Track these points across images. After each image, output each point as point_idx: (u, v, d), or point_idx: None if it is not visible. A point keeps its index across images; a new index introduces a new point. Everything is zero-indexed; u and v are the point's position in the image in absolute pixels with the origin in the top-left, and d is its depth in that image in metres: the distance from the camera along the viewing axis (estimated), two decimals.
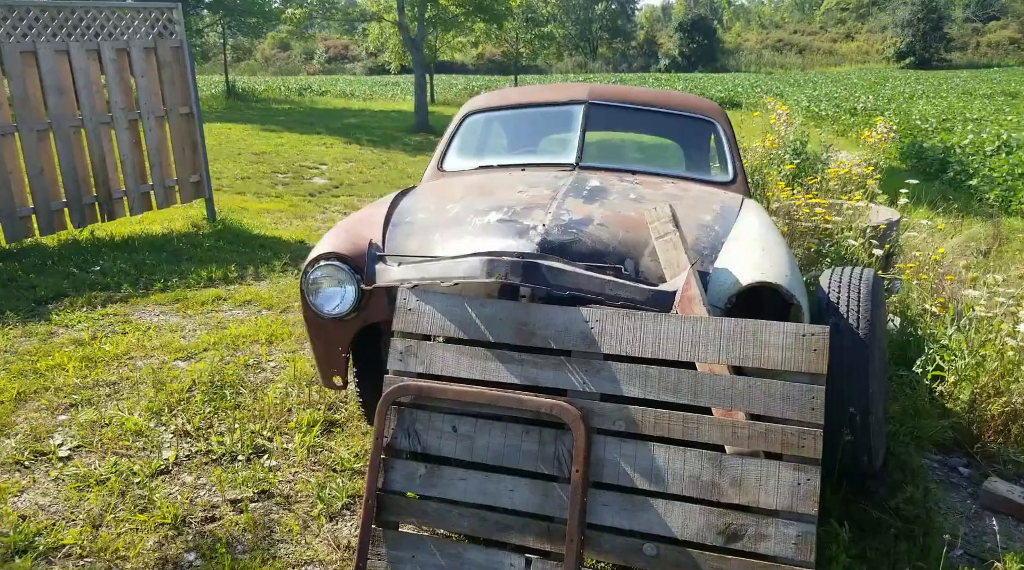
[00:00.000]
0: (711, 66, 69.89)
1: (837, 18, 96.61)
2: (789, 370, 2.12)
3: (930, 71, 55.41)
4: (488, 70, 65.24)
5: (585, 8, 78.69)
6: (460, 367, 2.43)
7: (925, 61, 63.07)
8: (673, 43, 73.29)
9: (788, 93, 32.90)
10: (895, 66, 63.84)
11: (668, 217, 2.62)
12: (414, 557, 2.39)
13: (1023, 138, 13.82)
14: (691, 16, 72.09)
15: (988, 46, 66.75)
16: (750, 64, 70.45)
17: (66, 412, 3.62)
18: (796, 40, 78.46)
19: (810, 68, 66.76)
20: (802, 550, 2.05)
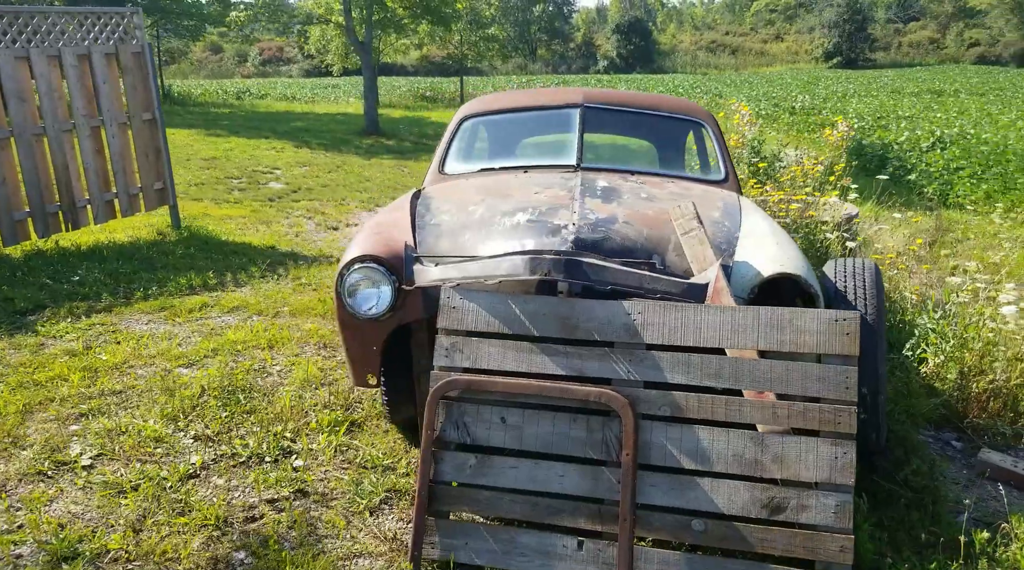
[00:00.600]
0: (648, 67, 71.10)
1: (766, 19, 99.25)
2: (824, 353, 2.29)
3: (857, 70, 57.49)
4: (428, 72, 65.08)
5: (523, 10, 79.13)
6: (506, 361, 2.54)
7: (852, 61, 65.38)
8: (611, 45, 74.30)
9: (726, 93, 33.75)
10: (823, 66, 65.99)
11: (692, 214, 2.78)
12: (467, 543, 2.49)
13: (955, 135, 14.56)
14: (627, 18, 73.24)
15: (909, 46, 69.57)
16: (685, 65, 71.90)
17: (77, 422, 3.59)
18: (728, 41, 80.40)
19: (743, 68, 68.50)
20: (841, 518, 2.23)
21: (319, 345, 4.64)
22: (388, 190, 12.12)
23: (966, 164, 12.20)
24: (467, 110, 4.45)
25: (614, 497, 2.40)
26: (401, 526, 2.80)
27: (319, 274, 6.46)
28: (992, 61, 61.62)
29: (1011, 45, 62.54)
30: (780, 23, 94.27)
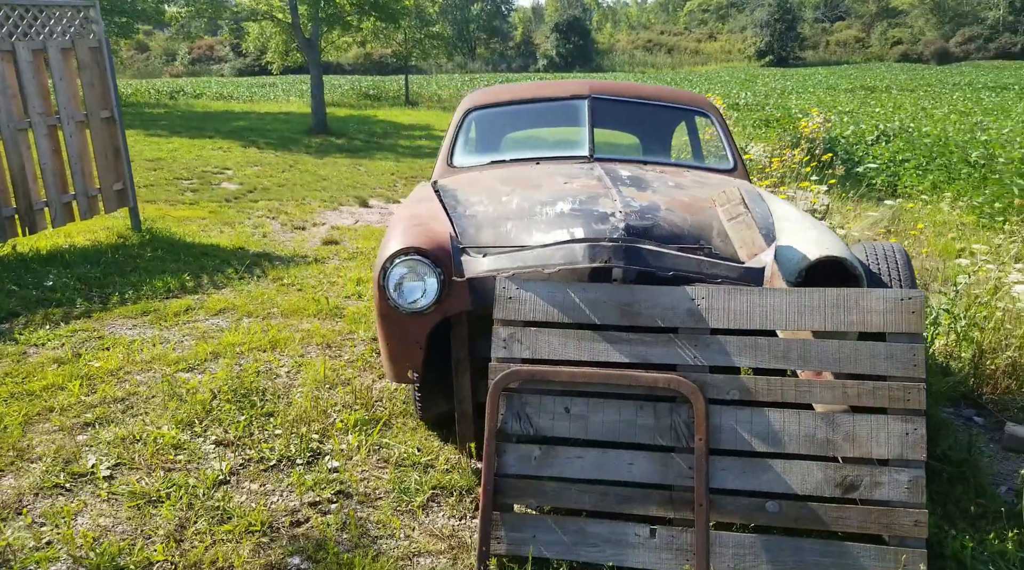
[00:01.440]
0: (587, 66, 71.75)
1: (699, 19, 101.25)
2: (891, 331, 2.33)
3: (789, 68, 59.14)
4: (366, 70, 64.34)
5: (461, 8, 79.00)
6: (567, 350, 2.51)
7: (783, 59, 67.23)
8: (550, 44, 74.77)
9: None
10: (756, 64, 67.70)
11: (739, 200, 2.80)
12: (535, 536, 2.45)
13: (897, 128, 15.09)
14: (566, 17, 73.77)
15: (837, 44, 71.89)
16: (624, 64, 72.81)
17: (84, 432, 3.42)
18: (664, 40, 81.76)
19: (680, 67, 69.73)
20: (914, 493, 2.27)
21: (323, 345, 4.52)
22: (348, 189, 11.93)
23: (911, 156, 12.64)
24: (471, 103, 4.40)
25: (685, 483, 2.39)
26: (455, 522, 2.75)
27: (299, 274, 6.30)
28: (914, 59, 64.13)
29: (931, 44, 65.19)
30: (713, 23, 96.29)
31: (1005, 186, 9.34)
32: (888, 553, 2.27)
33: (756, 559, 2.32)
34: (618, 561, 2.39)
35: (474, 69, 73.10)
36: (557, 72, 66.58)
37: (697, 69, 65.92)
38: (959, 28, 65.87)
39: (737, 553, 2.33)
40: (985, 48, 63.20)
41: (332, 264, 6.78)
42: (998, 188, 9.43)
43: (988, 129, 14.74)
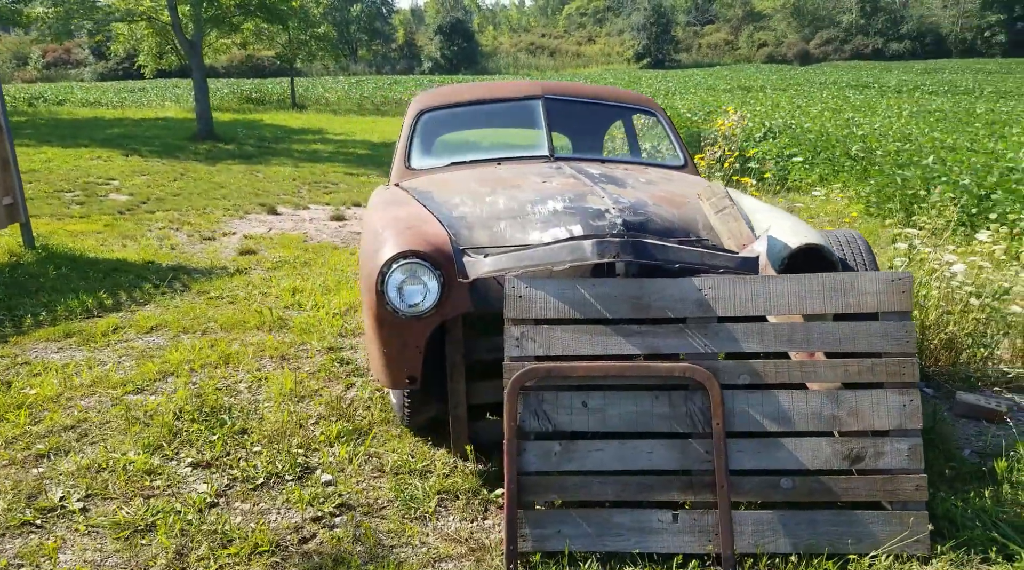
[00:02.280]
0: (472, 68, 72.06)
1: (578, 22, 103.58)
2: (883, 311, 2.49)
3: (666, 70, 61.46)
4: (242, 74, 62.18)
5: (340, 9, 77.59)
6: (580, 345, 2.54)
7: (659, 61, 69.80)
8: (434, 46, 74.60)
9: None
10: (635, 66, 69.97)
11: (723, 194, 2.92)
12: (559, 531, 2.48)
13: (781, 125, 15.98)
14: (449, 19, 73.81)
15: (708, 47, 75.34)
16: (508, 66, 73.59)
17: (39, 464, 3.17)
18: (546, 43, 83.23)
19: (563, 69, 71.15)
20: (914, 460, 2.44)
21: (278, 358, 4.37)
22: (250, 197, 11.53)
23: (798, 151, 13.42)
24: (423, 104, 4.36)
25: (703, 467, 2.47)
26: (468, 525, 2.73)
27: (225, 286, 6.05)
28: (779, 60, 68.05)
29: (793, 46, 69.36)
30: (591, 26, 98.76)
31: (888, 177, 10.06)
32: (894, 517, 2.43)
33: (774, 534, 2.43)
34: (643, 548, 2.45)
35: (357, 71, 71.99)
36: (442, 75, 66.51)
37: (580, 71, 67.47)
38: (817, 31, 70.38)
39: (757, 530, 2.43)
40: (841, 50, 67.83)
41: (257, 274, 6.54)
42: (881, 178, 10.15)
43: (861, 125, 15.84)
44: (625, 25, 78.67)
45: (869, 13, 68.97)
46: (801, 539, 2.42)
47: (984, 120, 16.84)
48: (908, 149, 12.37)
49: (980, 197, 8.50)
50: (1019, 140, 13.09)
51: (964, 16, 67.59)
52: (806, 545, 2.42)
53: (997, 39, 65.23)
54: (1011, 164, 10.26)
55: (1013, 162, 10.42)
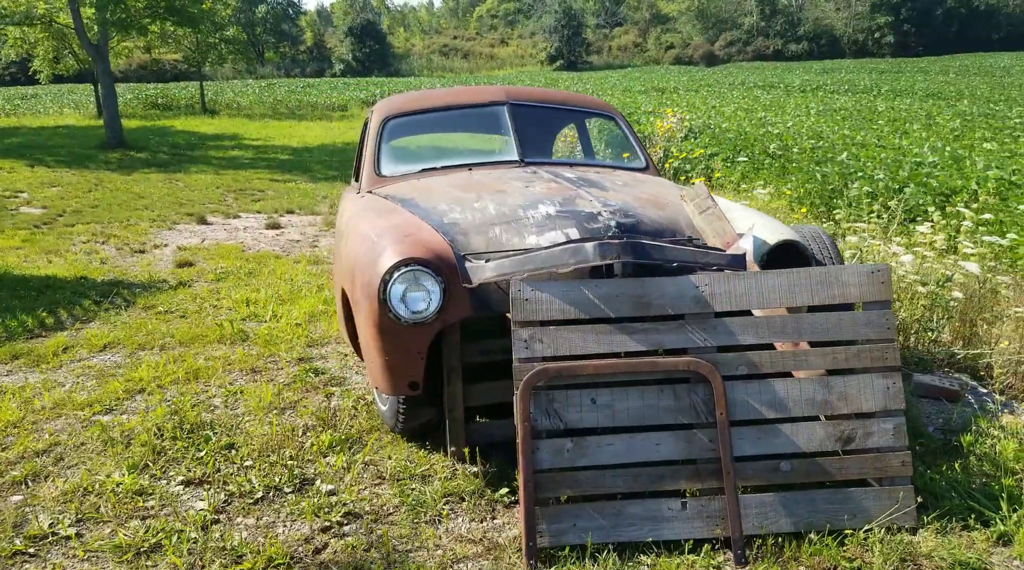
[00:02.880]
0: (385, 71, 71.36)
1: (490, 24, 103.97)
2: (866, 300, 2.67)
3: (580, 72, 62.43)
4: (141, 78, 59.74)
5: (245, 11, 75.56)
6: (587, 344, 2.63)
7: (572, 63, 70.80)
8: (345, 48, 73.49)
9: None
10: (548, 68, 70.75)
11: (706, 194, 3.06)
12: (575, 525, 2.56)
13: (701, 125, 16.53)
14: (360, 21, 72.88)
15: (618, 49, 76.89)
16: (422, 69, 73.22)
17: (16, 491, 3.05)
18: (459, 45, 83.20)
19: (477, 72, 71.29)
20: (899, 438, 2.64)
21: (248, 371, 4.29)
22: (175, 206, 11.19)
23: (719, 150, 13.92)
24: (387, 110, 4.36)
25: (707, 455, 2.60)
26: (478, 526, 2.77)
27: (170, 300, 5.88)
28: (686, 62, 70.08)
29: (700, 47, 71.56)
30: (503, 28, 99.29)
31: (807, 174, 10.57)
32: (883, 493, 2.61)
33: (777, 515, 2.58)
34: (656, 536, 2.56)
35: (265, 74, 70.24)
36: (355, 77, 65.61)
37: (494, 73, 67.77)
38: (721, 33, 72.83)
39: (760, 512, 2.58)
40: (744, 51, 70.39)
41: (202, 287, 6.38)
42: (801, 175, 10.65)
43: (775, 123, 16.55)
44: (537, 27, 79.49)
45: (768, 15, 71.81)
46: (801, 518, 2.58)
47: (886, 118, 17.85)
48: (822, 146, 13.01)
49: (894, 190, 9.04)
50: (921, 136, 13.96)
51: (855, 18, 71.19)
52: (806, 523, 2.57)
53: (886, 40, 69.00)
54: (918, 158, 10.94)
55: (920, 157, 11.12)
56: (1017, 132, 14.33)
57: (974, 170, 9.88)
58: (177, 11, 18.46)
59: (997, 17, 69.72)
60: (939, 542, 2.50)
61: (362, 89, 40.29)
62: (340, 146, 20.78)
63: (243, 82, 53.19)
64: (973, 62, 52.37)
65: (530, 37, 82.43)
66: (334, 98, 34.54)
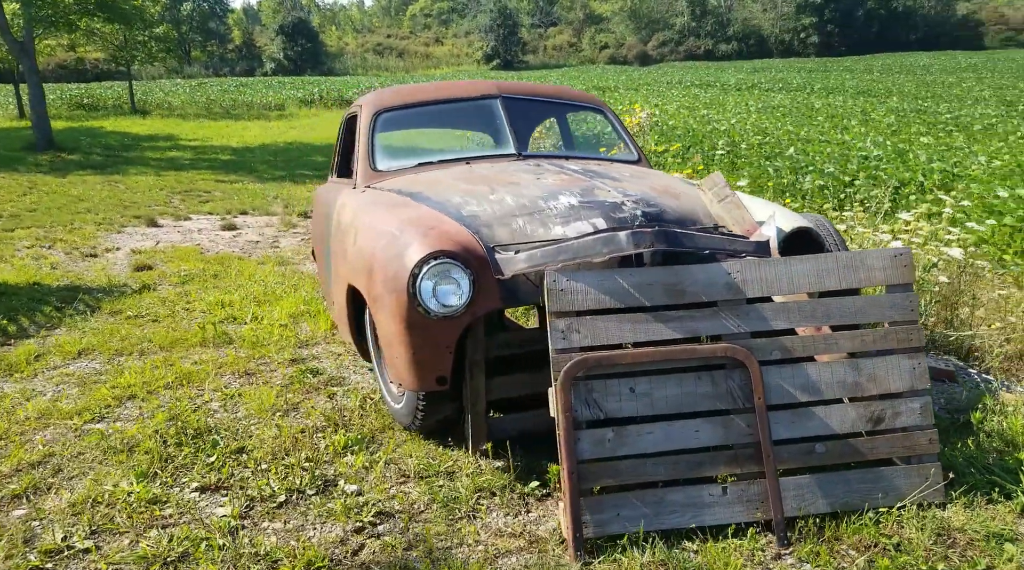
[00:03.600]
0: (318, 69, 70.26)
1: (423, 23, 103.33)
2: (890, 284, 2.74)
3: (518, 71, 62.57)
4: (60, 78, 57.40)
5: (170, 8, 73.28)
6: (623, 333, 2.63)
7: (508, 63, 70.97)
8: (276, 47, 72.01)
9: None
10: (485, 68, 70.74)
11: (724, 183, 3.09)
12: (619, 514, 2.56)
13: (648, 123, 16.75)
14: (291, 19, 71.51)
15: (554, 48, 77.42)
16: (356, 67, 72.31)
17: (18, 506, 2.88)
18: (393, 44, 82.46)
19: (413, 71, 70.79)
20: (925, 416, 2.71)
21: (241, 374, 4.16)
22: (119, 209, 10.81)
23: (669, 146, 14.14)
24: (378, 104, 4.27)
25: (744, 440, 2.63)
26: (515, 519, 2.74)
27: (137, 305, 5.66)
28: (621, 61, 71.02)
29: (633, 47, 72.62)
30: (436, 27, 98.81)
31: (759, 168, 10.83)
32: (913, 470, 2.69)
33: (814, 496, 2.62)
34: (698, 522, 2.57)
35: (192, 74, 68.30)
36: (287, 76, 64.37)
37: (430, 72, 67.41)
38: (654, 33, 74.06)
39: (798, 494, 2.62)
40: (676, 51, 71.74)
41: (169, 290, 6.16)
42: (753, 170, 10.91)
43: (719, 121, 16.93)
44: (472, 27, 79.38)
45: (699, 16, 73.38)
46: (837, 498, 2.63)
47: (824, 114, 18.43)
48: (769, 142, 13.35)
49: (845, 183, 9.34)
50: (860, 131, 14.47)
51: (782, 19, 73.36)
52: (842, 503, 2.62)
53: (811, 40, 71.32)
54: (864, 152, 11.32)
55: (865, 151, 11.51)
56: (950, 126, 15.00)
57: (917, 163, 10.27)
58: (109, 7, 17.77)
59: (914, 18, 72.84)
60: (969, 516, 2.58)
61: (298, 88, 39.59)
62: (282, 146, 20.38)
63: (172, 81, 51.61)
64: (895, 61, 54.58)
65: (465, 36, 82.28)
66: (270, 97, 33.84)
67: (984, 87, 30.28)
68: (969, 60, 52.22)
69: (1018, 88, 29.37)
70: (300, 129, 24.29)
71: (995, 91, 28.24)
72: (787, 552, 2.49)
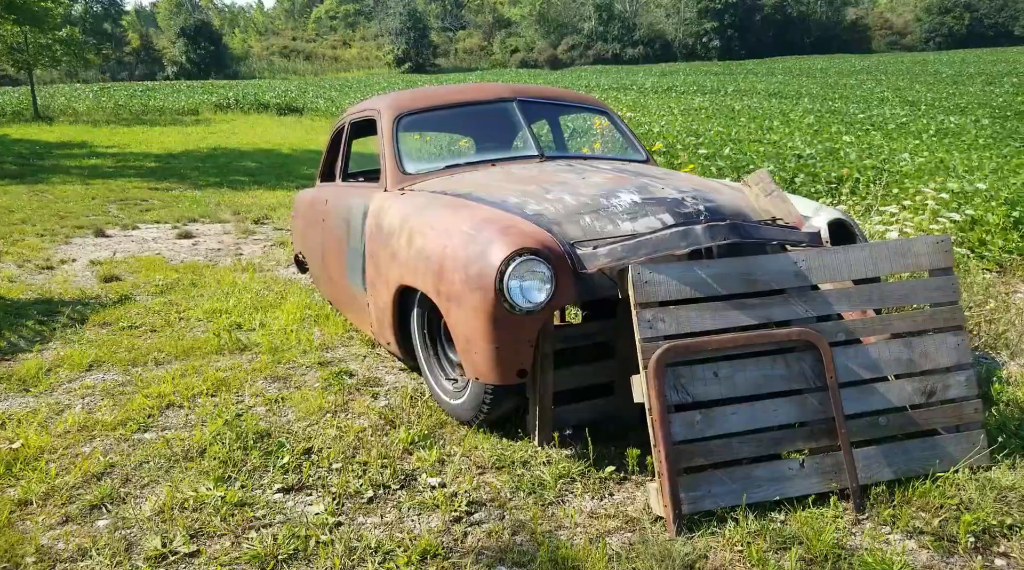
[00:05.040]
0: (223, 73, 68.22)
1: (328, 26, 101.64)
2: (933, 268, 3.03)
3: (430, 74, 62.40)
4: None
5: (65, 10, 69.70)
6: (704, 321, 2.81)
7: (420, 66, 70.70)
8: (177, 50, 69.46)
9: (336, 98, 34.34)
10: (397, 71, 70.24)
11: (769, 179, 3.32)
12: (710, 491, 2.74)
13: None
14: (194, 22, 69.11)
15: (464, 52, 77.59)
16: (263, 71, 70.52)
17: (101, 516, 2.83)
18: (300, 47, 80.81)
19: (323, 74, 69.59)
20: (970, 388, 3.01)
21: (273, 379, 4.14)
22: (57, 219, 10.37)
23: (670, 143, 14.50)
24: (398, 108, 4.31)
25: (817, 417, 2.85)
26: (603, 503, 2.88)
27: (127, 315, 5.50)
28: (532, 65, 71.82)
29: (544, 51, 73.56)
30: (343, 30, 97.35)
31: (701, 168, 11.27)
32: (962, 438, 2.97)
33: (879, 465, 2.87)
34: (781, 494, 2.78)
35: (88, 78, 65.11)
36: (191, 80, 62.21)
37: (341, 75, 66.42)
38: (563, 38, 75.23)
39: (866, 464, 2.86)
40: (586, 55, 73.11)
41: (155, 300, 5.99)
42: (693, 170, 11.35)
43: (650, 123, 17.45)
44: (382, 29, 78.65)
45: (606, 21, 75.01)
46: (899, 467, 2.88)
47: (747, 115, 19.27)
48: (703, 142, 13.88)
49: (787, 181, 9.86)
50: (785, 130, 15.23)
51: (684, 24, 75.81)
52: (904, 470, 2.88)
53: (713, 44, 74.02)
54: (796, 151, 11.94)
55: (797, 150, 12.13)
56: (866, 126, 15.98)
57: (847, 160, 10.91)
58: (19, 8, 16.86)
59: (807, 23, 76.61)
60: (1017, 476, 2.88)
61: (210, 92, 38.39)
62: (206, 152, 19.77)
63: (71, 86, 49.06)
64: (794, 64, 57.32)
65: (374, 39, 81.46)
66: (182, 102, 32.70)
67: (884, 89, 32.24)
68: (862, 63, 55.40)
69: (914, 89, 31.44)
70: (220, 134, 23.57)
71: (895, 92, 30.13)
72: (864, 517, 2.73)
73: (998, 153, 12.51)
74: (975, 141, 13.93)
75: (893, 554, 2.48)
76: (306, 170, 15.76)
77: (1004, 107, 22.64)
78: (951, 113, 20.93)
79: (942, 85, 34.40)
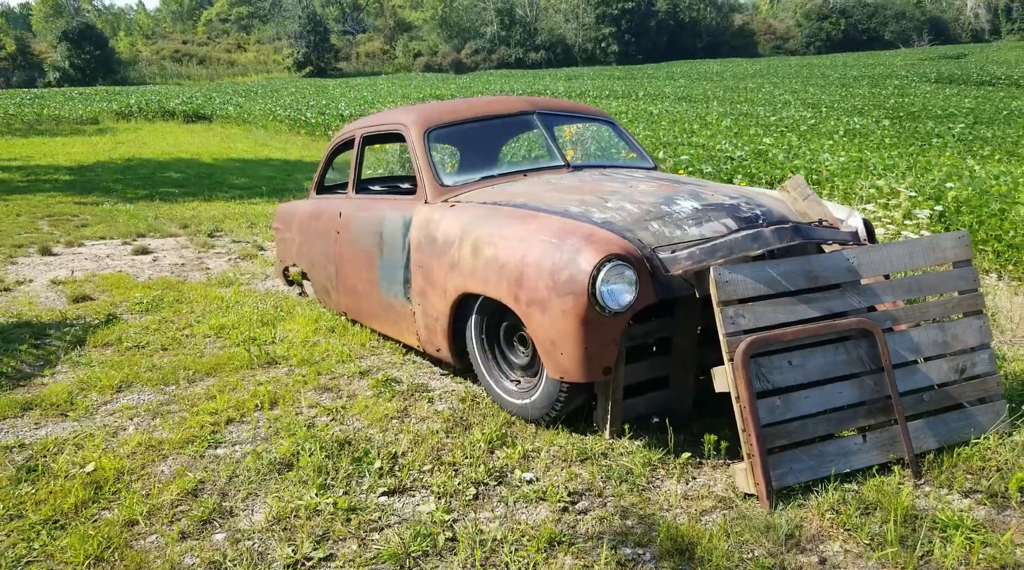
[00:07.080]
0: (111, 78, 65.04)
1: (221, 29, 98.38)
2: (956, 261, 3.43)
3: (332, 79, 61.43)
4: None
5: None
6: (777, 315, 3.12)
7: (322, 70, 69.47)
8: (60, 54, 65.74)
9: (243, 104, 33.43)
10: (297, 75, 68.77)
11: (805, 184, 3.67)
12: (791, 467, 3.05)
13: None
14: (77, 25, 65.55)
15: (367, 56, 76.73)
16: (155, 76, 67.65)
17: (215, 530, 2.88)
18: (193, 51, 77.87)
19: (219, 79, 67.37)
20: (992, 365, 3.43)
21: (321, 389, 4.20)
22: (35, 233, 9.84)
23: None
24: (426, 123, 4.44)
25: (874, 396, 3.20)
26: (691, 485, 3.14)
27: (127, 335, 5.39)
28: (436, 69, 71.77)
29: (447, 55, 73.62)
30: (236, 33, 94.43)
31: None
32: (988, 408, 3.39)
33: (926, 437, 3.25)
34: (849, 467, 3.11)
35: None
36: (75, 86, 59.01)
37: (239, 80, 64.52)
38: (466, 42, 75.52)
39: (915, 436, 3.22)
40: (489, 59, 73.65)
41: (148, 318, 5.87)
42: None
43: None
44: (279, 32, 76.81)
45: (508, 25, 75.80)
46: (942, 436, 3.27)
47: (666, 119, 20.05)
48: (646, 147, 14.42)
49: (727, 181, 10.44)
50: (707, 134, 15.99)
51: (584, 28, 77.51)
52: (945, 440, 3.27)
53: (612, 49, 76.00)
54: (727, 153, 12.60)
55: (728, 152, 12.80)
56: (782, 128, 16.96)
57: (777, 161, 11.62)
58: None
59: (699, 28, 79.70)
60: None
61: (107, 99, 36.64)
62: (121, 164, 18.97)
63: None
64: (690, 68, 59.59)
65: (272, 42, 79.44)
66: (78, 111, 31.11)
67: (783, 91, 34.05)
68: (753, 66, 58.16)
69: (808, 91, 33.39)
70: (130, 144, 22.60)
71: (793, 95, 31.90)
72: (921, 482, 3.09)
73: (904, 151, 13.58)
74: (882, 141, 15.06)
75: (960, 511, 2.85)
76: (235, 180, 15.42)
77: (897, 108, 24.46)
78: (851, 114, 22.43)
79: (832, 87, 36.70)
